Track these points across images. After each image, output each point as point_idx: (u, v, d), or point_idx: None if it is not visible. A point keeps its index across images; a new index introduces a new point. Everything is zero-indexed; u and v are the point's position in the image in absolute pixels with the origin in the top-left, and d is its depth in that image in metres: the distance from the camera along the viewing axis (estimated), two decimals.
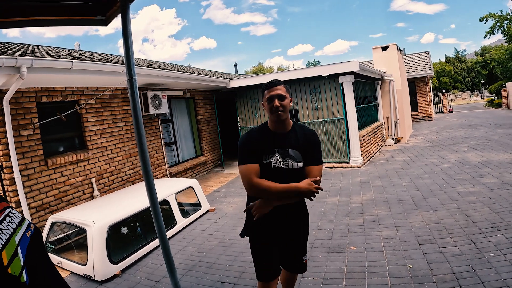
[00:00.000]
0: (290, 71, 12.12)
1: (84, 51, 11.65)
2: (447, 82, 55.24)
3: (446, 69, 56.49)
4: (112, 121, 7.72)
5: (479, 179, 7.13)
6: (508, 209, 5.23)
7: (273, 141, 2.48)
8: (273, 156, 2.45)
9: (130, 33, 2.85)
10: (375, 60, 15.24)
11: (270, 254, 2.60)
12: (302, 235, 2.73)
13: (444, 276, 3.61)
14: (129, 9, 2.81)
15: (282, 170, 2.44)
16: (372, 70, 11.80)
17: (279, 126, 2.50)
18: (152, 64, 10.60)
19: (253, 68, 65.62)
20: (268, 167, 2.44)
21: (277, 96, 2.43)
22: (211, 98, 12.19)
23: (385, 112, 14.51)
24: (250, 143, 2.50)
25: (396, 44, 14.81)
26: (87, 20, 3.13)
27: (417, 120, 22.54)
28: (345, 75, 9.70)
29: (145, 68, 7.76)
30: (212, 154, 12.09)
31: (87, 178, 6.99)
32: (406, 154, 11.23)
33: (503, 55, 34.65)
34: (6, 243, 0.82)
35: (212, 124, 12.22)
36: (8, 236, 0.84)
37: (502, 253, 3.93)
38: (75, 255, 4.96)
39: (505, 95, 26.30)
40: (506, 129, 14.22)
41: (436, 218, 5.30)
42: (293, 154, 2.46)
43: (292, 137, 2.51)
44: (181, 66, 16.28)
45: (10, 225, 0.89)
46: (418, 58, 25.34)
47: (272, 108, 2.43)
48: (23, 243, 0.88)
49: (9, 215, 0.92)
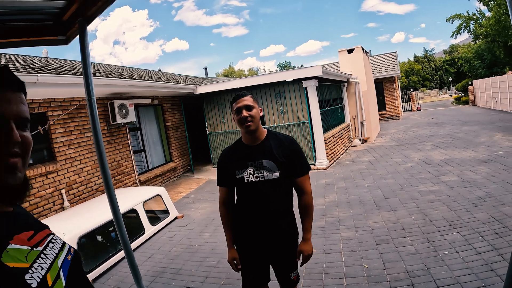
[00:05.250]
0: (255, 76, 12.29)
1: (52, 58, 11.48)
2: (416, 80, 57.00)
3: (414, 68, 58.25)
4: (80, 132, 7.72)
5: (440, 177, 7.39)
6: (466, 207, 5.46)
7: (246, 154, 2.49)
8: (245, 170, 2.45)
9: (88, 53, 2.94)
10: (341, 63, 15.67)
11: (254, 266, 2.60)
12: (290, 250, 2.59)
13: (398, 275, 3.74)
14: (86, 30, 2.90)
15: (256, 183, 2.43)
16: (336, 73, 12.08)
17: (251, 138, 2.50)
18: (119, 73, 10.51)
19: (223, 70, 65.67)
20: (241, 182, 2.46)
21: (244, 107, 2.42)
22: (179, 104, 12.19)
23: (351, 114, 14.80)
24: (222, 161, 2.59)
25: (361, 47, 15.26)
26: (49, 40, 3.20)
27: (385, 119, 23.09)
28: (309, 80, 9.90)
29: (111, 78, 7.83)
30: (182, 160, 12.08)
31: (56, 189, 6.99)
32: (371, 154, 11.51)
33: (470, 53, 35.98)
34: (50, 266, 0.91)
35: (181, 130, 12.22)
36: (51, 260, 0.93)
37: (456, 250, 4.11)
38: None
39: (472, 93, 27.44)
40: (471, 126, 14.79)
41: (395, 218, 5.48)
42: (267, 165, 2.43)
43: (266, 147, 2.49)
44: (150, 72, 16.17)
45: (53, 250, 0.98)
46: (386, 58, 26.00)
47: (240, 119, 2.42)
48: (64, 266, 0.97)
49: (51, 241, 1.01)
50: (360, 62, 14.97)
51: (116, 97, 8.91)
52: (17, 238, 0.89)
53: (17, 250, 0.86)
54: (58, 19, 2.96)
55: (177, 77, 16.05)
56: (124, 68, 15.53)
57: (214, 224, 6.40)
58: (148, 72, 15.59)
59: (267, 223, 2.49)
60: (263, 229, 2.50)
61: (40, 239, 0.97)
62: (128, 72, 12.04)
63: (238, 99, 2.47)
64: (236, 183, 2.51)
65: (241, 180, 2.45)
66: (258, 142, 2.51)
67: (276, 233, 2.51)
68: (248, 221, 2.54)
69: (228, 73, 61.36)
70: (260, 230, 2.50)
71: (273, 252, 2.55)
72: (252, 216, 2.51)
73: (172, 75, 18.49)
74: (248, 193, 2.48)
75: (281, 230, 2.53)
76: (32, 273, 0.84)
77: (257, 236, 2.52)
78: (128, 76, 9.74)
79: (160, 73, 18.41)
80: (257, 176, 2.43)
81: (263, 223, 2.49)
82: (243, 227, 2.57)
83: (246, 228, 2.55)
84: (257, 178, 2.43)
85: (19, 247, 0.87)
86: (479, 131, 13.22)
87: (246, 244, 2.58)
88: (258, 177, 2.43)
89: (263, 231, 2.50)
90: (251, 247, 2.56)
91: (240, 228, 2.60)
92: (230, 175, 2.51)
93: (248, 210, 2.53)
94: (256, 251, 2.55)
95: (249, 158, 2.46)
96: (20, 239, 0.90)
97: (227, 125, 11.53)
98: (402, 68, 54.94)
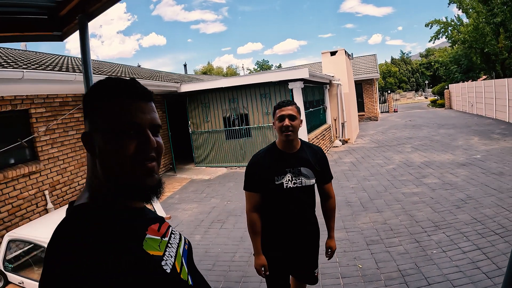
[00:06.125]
0: (241, 76, 12.35)
1: (31, 51, 11.22)
2: (392, 82, 58.19)
3: (392, 70, 59.51)
4: (63, 130, 7.47)
5: (422, 179, 7.70)
6: (449, 209, 5.75)
7: (284, 160, 2.54)
8: (284, 177, 2.49)
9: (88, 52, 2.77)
10: (323, 64, 15.92)
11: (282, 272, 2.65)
12: (315, 250, 2.76)
13: (391, 274, 3.96)
14: (87, 27, 2.73)
15: (293, 190, 2.50)
16: (320, 75, 12.33)
17: (288, 145, 2.55)
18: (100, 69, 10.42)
19: (202, 67, 65.18)
20: (280, 188, 2.49)
21: (288, 116, 2.46)
22: (162, 102, 11.96)
23: (333, 115, 15.09)
24: (256, 167, 2.57)
25: (344, 49, 15.56)
26: (43, 36, 3.03)
27: (364, 120, 23.53)
28: (295, 82, 10.10)
29: (95, 75, 7.64)
30: (163, 159, 11.88)
31: (40, 190, 6.75)
32: (353, 156, 11.80)
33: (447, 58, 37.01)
34: (176, 255, 1.04)
35: (163, 129, 12.04)
36: (175, 249, 1.07)
37: (443, 250, 4.37)
38: (35, 273, 4.84)
39: (448, 96, 28.54)
40: (447, 129, 15.33)
41: (382, 219, 5.71)
42: (305, 172, 2.53)
43: (303, 155, 2.57)
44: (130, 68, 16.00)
45: (175, 240, 1.12)
46: (366, 61, 26.56)
47: (281, 127, 2.46)
48: (184, 255, 1.12)
49: (172, 232, 1.15)
50: (342, 64, 15.27)
51: None
52: (150, 229, 1.02)
53: (152, 239, 0.99)
54: (55, 14, 2.88)
55: (157, 74, 15.95)
56: (104, 63, 15.36)
57: (203, 225, 6.44)
58: (128, 68, 15.44)
59: (300, 228, 2.59)
60: (296, 234, 2.58)
61: (164, 230, 1.10)
62: (109, 68, 11.94)
63: (284, 106, 2.50)
64: (272, 189, 2.51)
65: (280, 186, 2.49)
66: (295, 150, 2.58)
67: (307, 237, 2.65)
68: (281, 227, 2.58)
69: (207, 70, 60.94)
70: (293, 236, 2.58)
71: (301, 255, 2.65)
72: (285, 222, 2.56)
73: (153, 71, 18.37)
74: (284, 200, 2.51)
75: (311, 234, 2.69)
76: (166, 260, 0.96)
77: (289, 242, 2.58)
78: (110, 73, 9.69)
79: (141, 69, 18.30)
80: (294, 183, 2.50)
81: (296, 229, 2.57)
82: (275, 234, 2.60)
83: (278, 234, 2.59)
84: (294, 185, 2.50)
85: (153, 237, 1.00)
86: (456, 134, 13.73)
87: (277, 250, 2.59)
88: (296, 183, 2.50)
89: (295, 236, 2.58)
90: (281, 254, 2.59)
91: (271, 234, 2.60)
92: (265, 181, 2.51)
93: (282, 217, 2.56)
94: (286, 257, 2.60)
95: (288, 165, 2.52)
96: (153, 230, 1.03)
97: (210, 124, 11.60)
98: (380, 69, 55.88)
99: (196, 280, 1.10)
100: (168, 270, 0.94)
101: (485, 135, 12.71)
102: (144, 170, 0.95)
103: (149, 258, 0.91)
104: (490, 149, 10.13)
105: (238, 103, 11.13)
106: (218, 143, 11.66)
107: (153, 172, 0.97)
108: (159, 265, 0.93)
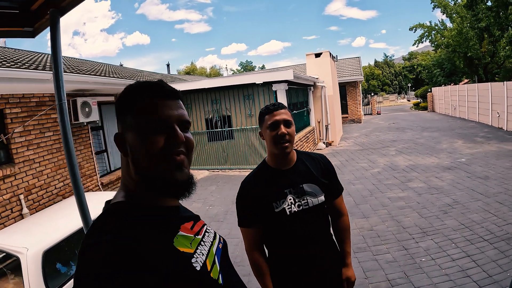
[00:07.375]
0: (224, 77, 12.21)
1: (10, 48, 10.86)
2: (375, 85, 58.71)
3: (375, 73, 60.05)
4: (39, 131, 7.17)
5: (407, 183, 7.65)
6: (436, 214, 5.68)
7: (280, 181, 2.03)
8: (284, 200, 1.98)
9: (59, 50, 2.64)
10: (308, 66, 15.91)
11: None
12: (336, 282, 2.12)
13: (380, 284, 3.84)
14: (59, 22, 2.64)
15: (298, 214, 1.98)
16: (305, 77, 12.27)
17: (283, 160, 2.06)
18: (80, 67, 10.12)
19: (185, 67, 64.77)
20: (282, 215, 1.97)
21: (283, 122, 1.97)
22: None
23: (316, 117, 15.04)
24: (247, 197, 2.04)
25: (329, 52, 15.57)
26: (13, 32, 2.92)
27: (347, 122, 23.62)
28: (279, 83, 9.99)
29: (75, 74, 7.39)
30: None
31: (14, 195, 6.46)
32: (337, 158, 11.73)
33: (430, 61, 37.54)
34: (208, 253, 1.08)
35: None
36: (208, 247, 1.11)
37: (432, 257, 4.28)
38: (9, 283, 4.60)
39: (431, 99, 28.94)
40: (431, 132, 15.41)
41: (368, 225, 5.61)
42: (309, 189, 2.02)
43: (303, 168, 2.09)
44: (112, 67, 15.72)
45: (209, 238, 1.17)
46: (350, 63, 26.64)
47: (276, 137, 1.96)
48: (217, 253, 1.15)
49: (207, 230, 1.20)
50: (327, 66, 15.27)
51: (78, 94, 8.52)
52: (183, 227, 1.08)
53: (184, 237, 1.04)
54: (26, 9, 2.76)
55: (139, 73, 15.69)
56: (85, 62, 15.04)
57: None
58: (109, 66, 15.14)
59: (318, 261, 2.02)
60: (313, 271, 2.01)
61: (198, 229, 1.16)
62: (90, 67, 11.62)
63: (275, 110, 2.01)
64: (272, 218, 2.00)
65: (282, 214, 1.97)
66: (292, 164, 2.09)
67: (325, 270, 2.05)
68: (293, 265, 2.02)
69: (190, 70, 60.57)
70: (307, 271, 2.00)
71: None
72: (298, 257, 2.01)
73: (135, 71, 18.07)
74: (288, 228, 1.99)
75: (329, 266, 2.08)
76: (196, 258, 1.00)
77: (304, 279, 2.01)
78: (90, 72, 9.43)
79: (123, 69, 17.99)
80: (299, 205, 1.99)
81: (312, 263, 2.01)
82: (284, 273, 2.05)
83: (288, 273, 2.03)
84: (299, 207, 1.99)
85: (185, 235, 1.06)
86: (439, 137, 13.81)
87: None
88: (301, 205, 1.99)
89: (313, 274, 2.01)
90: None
91: (279, 275, 2.07)
92: (263, 210, 2.00)
93: (292, 250, 2.02)
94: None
95: (286, 185, 2.02)
96: (186, 228, 1.09)
97: (192, 126, 11.19)
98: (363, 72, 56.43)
99: (228, 279, 1.12)
100: (198, 268, 0.98)
101: (469, 138, 12.81)
102: (173, 164, 1.00)
103: (179, 255, 0.97)
104: (474, 152, 10.18)
105: (221, 105, 10.99)
106: (200, 145, 11.50)
107: (182, 165, 1.02)
108: (189, 262, 0.97)
